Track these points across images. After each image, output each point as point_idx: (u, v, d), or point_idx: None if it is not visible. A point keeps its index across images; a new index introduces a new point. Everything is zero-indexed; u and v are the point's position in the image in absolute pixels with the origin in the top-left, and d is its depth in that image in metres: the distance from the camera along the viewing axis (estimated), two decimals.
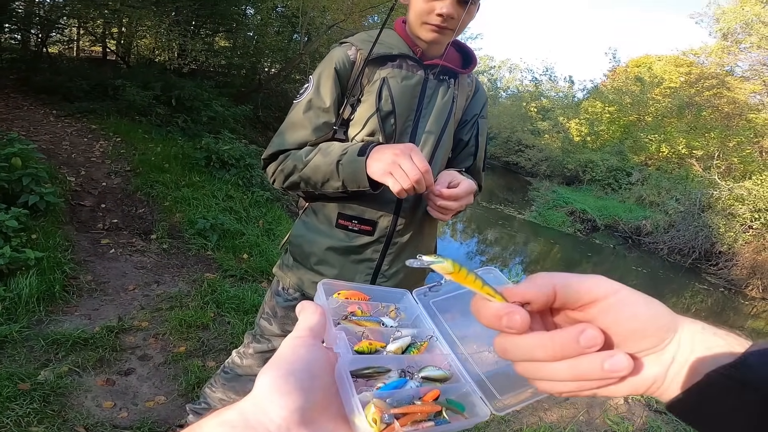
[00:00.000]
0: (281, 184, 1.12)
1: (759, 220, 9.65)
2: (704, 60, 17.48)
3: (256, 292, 2.93)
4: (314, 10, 8.21)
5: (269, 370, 0.29)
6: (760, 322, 7.78)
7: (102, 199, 3.95)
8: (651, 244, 10.74)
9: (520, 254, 9.41)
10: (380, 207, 1.09)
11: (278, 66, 10.64)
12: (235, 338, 2.42)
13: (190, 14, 7.98)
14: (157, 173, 4.62)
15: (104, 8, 7.24)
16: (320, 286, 0.46)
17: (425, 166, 0.88)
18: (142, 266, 3.08)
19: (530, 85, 26.85)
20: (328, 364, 0.33)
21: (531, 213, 11.96)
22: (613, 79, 22.28)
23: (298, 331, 0.34)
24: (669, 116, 16.75)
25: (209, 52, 9.14)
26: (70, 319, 2.32)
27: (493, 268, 0.50)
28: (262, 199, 4.90)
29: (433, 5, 0.99)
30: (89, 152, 4.90)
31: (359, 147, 0.97)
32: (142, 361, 2.15)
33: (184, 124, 6.59)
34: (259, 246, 3.71)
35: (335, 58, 1.08)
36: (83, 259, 2.95)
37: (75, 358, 2.02)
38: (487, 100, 1.26)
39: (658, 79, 17.97)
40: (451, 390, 0.41)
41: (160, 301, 2.68)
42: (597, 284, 0.31)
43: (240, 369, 1.33)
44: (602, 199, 13.77)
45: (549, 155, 17.91)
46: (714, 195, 10.60)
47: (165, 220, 3.84)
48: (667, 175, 13.83)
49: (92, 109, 6.29)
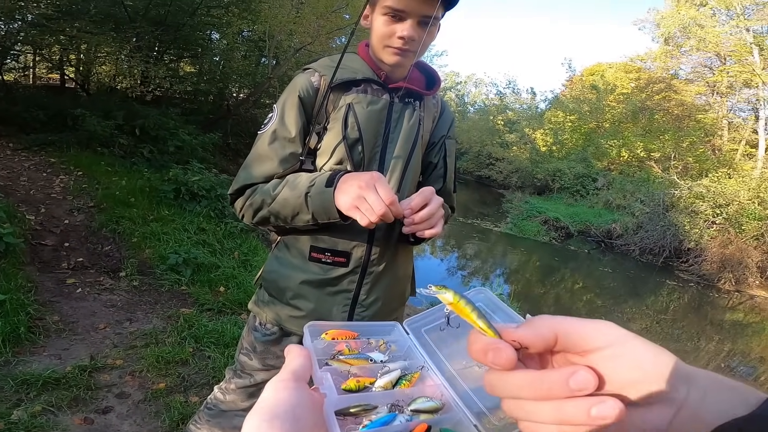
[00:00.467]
0: (251, 220, 1.09)
1: (721, 216, 10.15)
2: (650, 65, 18.64)
3: (235, 325, 2.87)
4: (281, 34, 8.25)
5: (254, 416, 0.29)
6: (738, 314, 8.10)
7: (65, 238, 3.75)
8: (623, 246, 11.09)
9: (500, 266, 9.52)
10: (353, 237, 1.07)
11: (247, 91, 10.57)
12: (217, 372, 2.37)
13: (152, 39, 7.81)
14: (123, 208, 4.44)
15: (60, 34, 7.01)
16: (306, 329, 0.47)
17: (390, 197, 0.86)
18: (112, 304, 2.97)
19: (495, 98, 27.69)
20: (314, 405, 0.34)
21: (506, 225, 12.16)
22: (570, 88, 23.34)
23: (282, 375, 0.34)
24: (625, 121, 17.64)
25: (174, 78, 8.98)
26: (38, 359, 2.27)
27: (485, 289, 0.51)
28: (236, 230, 4.76)
29: (394, 28, 0.99)
30: (49, 188, 4.66)
31: (326, 177, 0.95)
32: (120, 398, 2.10)
33: (150, 154, 6.38)
34: (236, 278, 3.61)
35: (298, 86, 1.06)
36: (48, 299, 2.85)
37: (48, 398, 1.98)
38: (453, 119, 1.26)
39: (611, 86, 18.96)
40: (445, 420, 0.41)
41: (134, 338, 2.60)
42: (602, 332, 0.30)
43: (224, 404, 1.28)
44: (573, 206, 14.18)
45: (519, 167, 18.38)
46: (675, 194, 11.12)
47: (134, 256, 3.68)
48: (630, 178, 14.43)
49: (51, 141, 6.02)
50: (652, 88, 17.43)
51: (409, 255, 1.25)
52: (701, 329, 6.89)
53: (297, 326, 1.13)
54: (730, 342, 6.49)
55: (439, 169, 1.21)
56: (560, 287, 8.34)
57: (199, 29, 8.79)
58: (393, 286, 1.17)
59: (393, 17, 0.99)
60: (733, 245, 9.53)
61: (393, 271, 1.15)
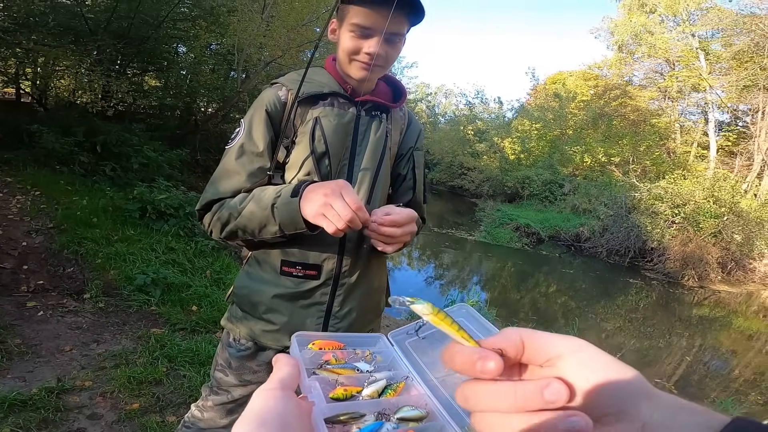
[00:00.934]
0: (219, 234, 1.08)
1: (679, 215, 10.69)
2: (606, 72, 19.58)
3: (210, 343, 2.83)
4: (251, 47, 8.17)
5: (241, 424, 0.29)
6: (704, 309, 8.46)
7: (23, 260, 3.55)
8: (591, 248, 11.49)
9: (476, 274, 9.64)
10: (323, 249, 1.07)
11: (215, 105, 10.38)
12: (194, 390, 2.33)
13: (114, 53, 7.53)
14: (85, 229, 4.23)
15: (16, 47, 6.68)
16: (294, 339, 0.48)
17: (357, 203, 0.86)
18: (78, 326, 2.87)
19: (465, 108, 28.31)
20: (301, 413, 0.34)
21: (480, 233, 12.36)
22: (535, 97, 24.20)
23: (269, 384, 0.34)
24: (586, 128, 18.43)
25: (137, 93, 8.69)
26: (2, 381, 2.22)
27: (465, 305, 0.53)
28: (207, 248, 4.62)
29: (360, 44, 1.01)
30: (5, 209, 4.40)
31: (292, 188, 0.96)
32: (92, 419, 2.05)
33: (113, 172, 6.11)
34: (209, 296, 3.52)
35: (266, 100, 1.07)
36: (8, 323, 2.75)
37: (15, 420, 1.94)
38: (421, 131, 1.28)
39: (572, 93, 19.79)
40: (430, 428, 0.42)
41: (103, 359, 2.53)
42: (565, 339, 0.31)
43: (202, 422, 1.24)
44: (542, 212, 14.60)
45: (489, 176, 18.78)
46: (636, 197, 11.65)
47: (98, 278, 3.52)
48: (594, 182, 15.01)
49: (5, 159, 5.66)
50: (609, 95, 18.30)
51: (383, 266, 1.25)
52: (671, 326, 7.15)
53: (271, 340, 1.12)
54: (699, 337, 6.75)
55: (408, 180, 1.22)
56: (535, 291, 8.52)
57: (164, 42, 8.57)
58: (367, 298, 1.17)
59: (360, 34, 1.00)
60: (692, 243, 10.01)
61: (366, 282, 1.15)
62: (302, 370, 0.40)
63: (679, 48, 15.21)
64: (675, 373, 5.22)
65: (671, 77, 15.94)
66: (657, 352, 5.87)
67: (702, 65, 14.67)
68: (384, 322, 3.92)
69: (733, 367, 5.68)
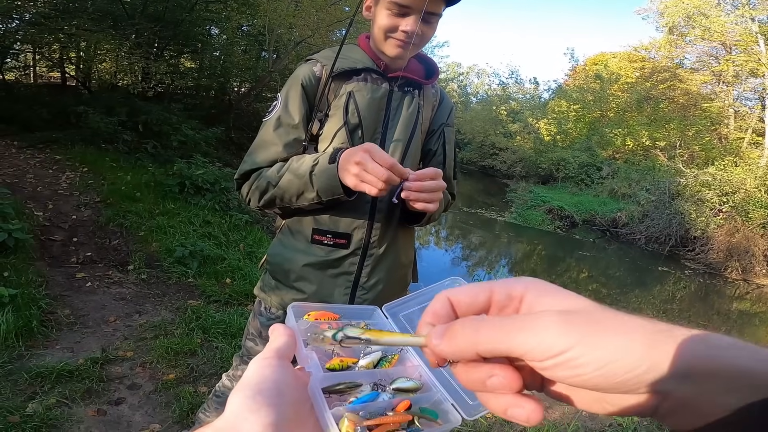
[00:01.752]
0: (257, 203, 1.12)
1: (727, 204, 10.06)
2: (655, 54, 18.39)
3: (242, 316, 2.90)
4: (281, 27, 8.20)
5: (237, 392, 0.29)
6: (745, 303, 8.01)
7: (73, 233, 3.79)
8: (628, 234, 11.05)
9: (505, 256, 9.50)
10: (354, 219, 1.10)
11: (248, 85, 10.56)
12: (225, 362, 2.39)
13: (152, 36, 7.79)
14: (129, 203, 4.47)
15: (59, 33, 7.00)
16: (289, 309, 0.48)
17: (388, 160, 0.88)
18: (122, 297, 3.00)
19: (498, 88, 27.46)
20: (297, 382, 0.34)
21: (511, 214, 12.14)
22: (574, 78, 23.11)
23: (265, 353, 0.34)
24: (630, 110, 17.48)
25: (175, 74, 8.99)
26: (51, 352, 2.28)
27: (458, 278, 0.52)
28: (241, 222, 4.79)
29: (397, 22, 1.01)
30: (55, 184, 4.70)
31: (329, 155, 0.99)
32: (131, 390, 2.12)
33: (154, 150, 6.40)
34: (242, 270, 3.63)
35: (301, 75, 1.10)
36: (59, 293, 2.88)
37: (62, 390, 1.99)
38: (453, 108, 1.28)
39: (615, 75, 18.76)
40: (424, 399, 0.43)
41: (144, 330, 2.63)
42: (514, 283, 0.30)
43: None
44: (577, 195, 14.13)
45: (523, 156, 18.31)
46: (681, 183, 11.03)
47: (141, 250, 3.70)
48: (635, 167, 14.33)
49: (55, 138, 6.05)
50: (656, 78, 17.22)
51: (410, 240, 1.27)
52: (708, 319, 6.84)
53: None
54: (737, 332, 6.42)
55: (438, 155, 1.23)
56: (565, 277, 8.32)
57: (198, 24, 8.75)
58: (394, 270, 1.19)
59: (397, 12, 1.01)
60: (739, 233, 9.44)
61: (394, 254, 1.17)
62: (299, 340, 0.40)
63: (737, 32, 14.04)
64: None
65: (727, 61, 14.81)
66: None
67: (762, 50, 13.52)
68: None
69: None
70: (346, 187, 0.96)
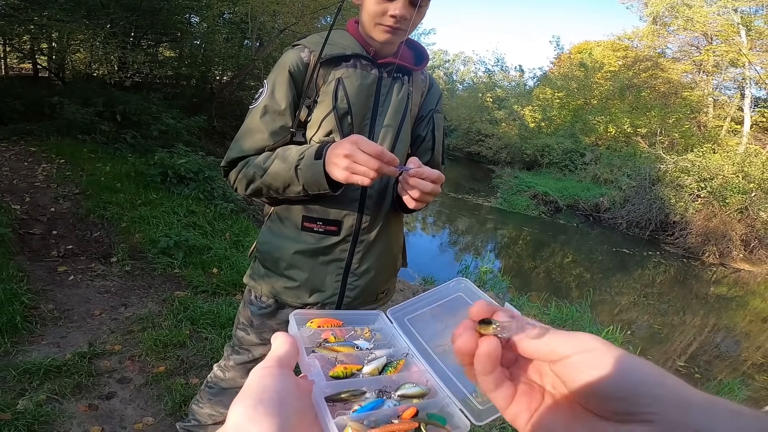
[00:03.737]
0: (243, 191, 1.11)
1: (705, 189, 10.32)
2: (637, 44, 18.63)
3: (230, 306, 2.87)
4: (264, 15, 8.02)
5: (238, 402, 0.29)
6: (722, 287, 8.25)
7: (53, 226, 3.69)
8: (610, 219, 11.28)
9: (491, 240, 9.61)
10: (344, 206, 1.09)
11: (230, 74, 10.34)
12: (215, 353, 2.37)
13: (128, 25, 7.56)
14: (109, 194, 4.35)
15: (29, 24, 6.73)
16: (291, 317, 0.47)
17: (377, 149, 0.87)
18: (106, 290, 2.93)
19: (484, 76, 27.52)
20: (299, 391, 0.33)
21: (497, 200, 12.26)
22: (559, 66, 23.28)
23: (266, 362, 0.34)
24: (612, 98, 17.73)
25: (153, 64, 8.75)
26: (37, 348, 2.25)
27: (464, 279, 0.51)
28: (227, 211, 4.72)
29: (386, 7, 1.00)
30: (32, 177, 4.56)
31: (315, 150, 0.97)
32: (121, 384, 2.10)
33: (133, 140, 6.24)
34: (229, 259, 3.58)
35: (289, 61, 1.08)
36: (41, 288, 2.80)
37: (51, 386, 1.97)
38: (441, 94, 1.28)
39: (599, 63, 18.95)
40: (431, 404, 0.42)
41: (131, 323, 2.58)
42: (570, 338, 0.30)
43: (224, 382, 1.31)
44: (561, 181, 14.33)
45: (508, 143, 18.46)
46: (661, 169, 11.27)
47: (124, 241, 3.63)
48: (617, 153, 14.60)
49: (29, 130, 5.85)
50: (639, 66, 17.47)
51: (400, 225, 1.27)
52: (687, 303, 7.02)
53: (292, 297, 1.15)
54: (714, 316, 6.61)
55: (427, 141, 1.23)
56: (550, 261, 8.48)
57: (177, 13, 8.49)
58: (385, 257, 1.19)
59: None
60: (717, 218, 9.71)
61: (385, 240, 1.17)
62: (301, 348, 0.39)
63: (719, 22, 14.27)
64: (685, 351, 5.14)
65: (708, 51, 15.09)
66: (670, 329, 5.77)
67: (743, 41, 13.78)
68: (397, 286, 3.99)
69: (744, 349, 5.55)
70: (332, 182, 0.95)
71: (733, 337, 6.01)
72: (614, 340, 3.60)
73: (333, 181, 0.95)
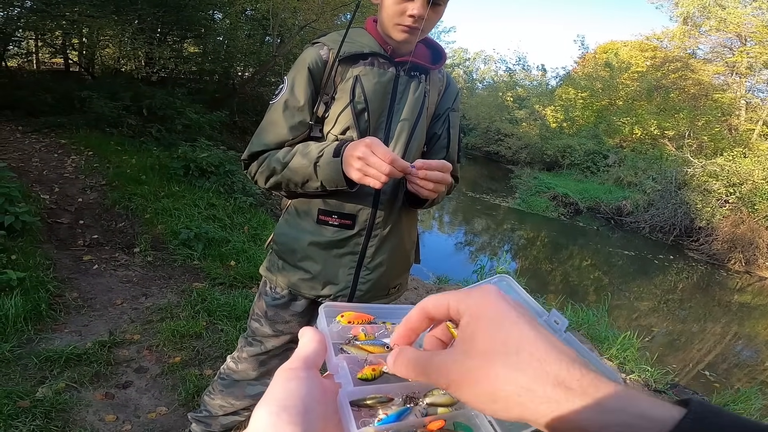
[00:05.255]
0: (263, 184, 1.15)
1: (734, 194, 9.95)
2: (667, 44, 18.03)
3: (246, 298, 2.92)
4: (285, 12, 8.09)
5: (263, 405, 0.29)
6: (746, 295, 7.96)
7: (79, 216, 3.82)
8: (633, 223, 10.99)
9: (508, 241, 9.50)
10: (359, 201, 1.12)
11: (252, 70, 10.46)
12: (230, 345, 2.41)
13: (155, 21, 7.72)
14: (134, 185, 4.49)
15: (61, 19, 6.95)
16: (321, 310, 0.45)
17: (389, 155, 0.91)
18: (128, 280, 3.02)
19: (505, 75, 27.14)
20: (324, 394, 0.32)
21: (515, 200, 12.09)
22: (583, 65, 22.73)
23: (292, 362, 0.33)
24: (639, 99, 17.21)
25: (178, 59, 8.91)
26: (60, 336, 2.30)
27: (507, 276, 0.49)
28: (246, 204, 4.81)
29: (405, 6, 1.02)
30: (61, 168, 4.73)
31: (334, 148, 1.01)
32: (138, 373, 2.14)
33: (158, 133, 6.40)
34: (246, 252, 3.66)
35: (308, 59, 1.11)
36: (66, 276, 2.89)
37: (71, 374, 2.01)
38: (459, 93, 1.29)
39: (626, 64, 18.43)
40: (459, 415, 0.40)
41: (150, 313, 2.65)
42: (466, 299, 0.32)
43: (236, 374, 1.34)
44: (582, 182, 14.03)
45: (528, 143, 18.16)
46: (688, 172, 10.91)
47: (147, 232, 3.74)
48: (642, 155, 14.19)
49: (59, 123, 6.05)
50: (668, 67, 16.90)
51: (414, 221, 1.29)
52: (708, 310, 6.80)
53: (306, 288, 1.18)
54: (736, 324, 6.39)
55: (442, 139, 1.24)
56: (568, 264, 8.33)
57: (201, 9, 8.64)
58: (398, 252, 1.21)
59: None
60: (744, 225, 9.36)
61: (398, 236, 1.20)
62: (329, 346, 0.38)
63: (754, 24, 13.70)
64: (703, 360, 4.99)
65: (741, 53, 14.50)
66: (689, 336, 5.61)
67: None
68: (411, 284, 3.99)
69: (766, 358, 5.35)
70: (349, 179, 0.99)
71: (755, 346, 5.82)
72: (631, 346, 3.53)
73: (350, 179, 0.99)
